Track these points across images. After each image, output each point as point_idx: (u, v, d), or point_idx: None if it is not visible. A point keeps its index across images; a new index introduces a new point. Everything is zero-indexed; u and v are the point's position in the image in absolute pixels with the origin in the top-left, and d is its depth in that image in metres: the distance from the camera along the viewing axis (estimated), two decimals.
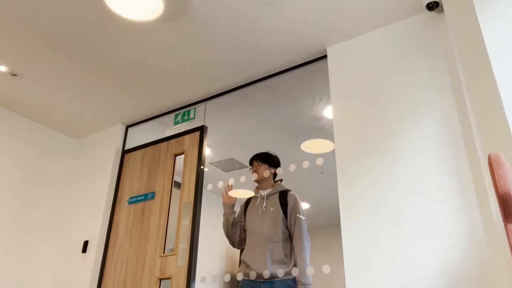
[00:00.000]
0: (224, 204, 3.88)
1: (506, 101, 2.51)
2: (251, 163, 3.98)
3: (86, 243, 4.69)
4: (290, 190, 3.79)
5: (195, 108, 4.78)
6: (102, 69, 4.27)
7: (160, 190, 4.53)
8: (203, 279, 4.02)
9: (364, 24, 3.69)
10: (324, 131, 4.62)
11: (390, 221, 3.00)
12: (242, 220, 3.88)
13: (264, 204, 3.76)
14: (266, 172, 3.86)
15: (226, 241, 3.89)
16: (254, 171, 3.90)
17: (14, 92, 4.66)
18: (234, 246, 3.90)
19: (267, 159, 3.94)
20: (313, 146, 4.98)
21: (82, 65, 4.22)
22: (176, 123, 4.87)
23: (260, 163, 3.92)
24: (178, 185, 4.44)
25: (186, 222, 4.11)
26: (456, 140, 2.96)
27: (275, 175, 3.95)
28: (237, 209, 3.94)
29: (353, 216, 3.17)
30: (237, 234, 3.84)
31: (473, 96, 2.78)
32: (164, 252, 4.18)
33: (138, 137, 5.24)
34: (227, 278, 4.58)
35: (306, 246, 3.52)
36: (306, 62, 4.15)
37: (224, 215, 3.84)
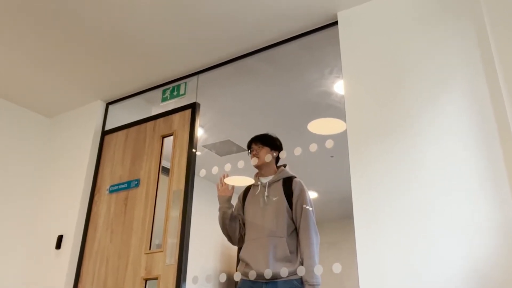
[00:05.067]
0: (219, 197, 3.87)
1: None
2: (249, 146, 3.97)
3: (60, 238, 4.70)
4: (295, 177, 3.79)
5: (185, 83, 4.76)
6: (78, 37, 4.24)
7: (145, 177, 4.53)
8: (195, 280, 4.03)
9: None
10: (335, 109, 4.61)
11: (410, 213, 2.99)
12: (241, 213, 3.87)
13: (266, 193, 3.75)
14: (268, 156, 3.85)
15: (221, 235, 3.89)
16: (254, 155, 3.89)
17: None
18: (233, 243, 3.90)
19: (269, 142, 3.92)
20: (322, 126, 4.97)
21: (55, 33, 4.19)
22: (164, 99, 4.85)
23: (261, 146, 3.90)
24: (166, 171, 4.44)
25: (176, 213, 4.11)
26: (487, 119, 2.95)
27: (277, 159, 3.94)
28: (234, 201, 3.93)
29: (368, 207, 3.17)
30: (236, 229, 3.84)
31: (507, 69, 2.77)
32: (150, 249, 4.19)
33: (120, 116, 5.23)
34: (223, 278, 4.60)
35: (314, 242, 3.52)
36: (313, 30, 4.12)
37: (219, 209, 3.83)
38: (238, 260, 3.73)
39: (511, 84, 2.68)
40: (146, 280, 4.09)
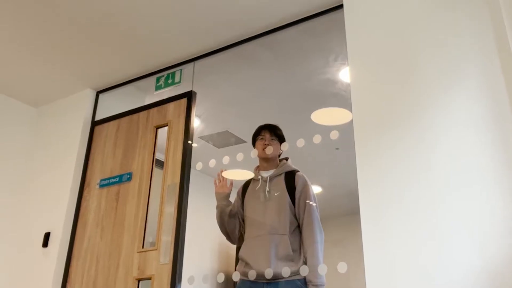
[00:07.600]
0: (217, 194, 3.86)
1: None
2: (260, 133, 3.91)
3: (47, 236, 4.69)
4: (298, 171, 3.78)
5: (181, 70, 4.75)
6: (66, 21, 4.21)
7: (138, 170, 4.52)
8: (191, 280, 4.02)
9: None
10: (340, 98, 4.60)
11: (420, 208, 2.98)
12: (241, 209, 3.86)
13: (267, 188, 3.74)
14: (278, 151, 3.85)
15: (219, 233, 3.89)
16: (266, 145, 3.84)
17: None
18: (232, 242, 3.89)
19: (280, 136, 3.91)
20: (326, 116, 4.97)
21: (42, 18, 4.16)
22: (158, 88, 4.84)
23: (275, 138, 3.87)
24: (160, 164, 4.43)
25: (171, 209, 4.10)
26: (502, 109, 2.93)
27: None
28: (233, 197, 3.92)
29: (375, 202, 3.16)
30: (236, 227, 3.83)
31: None
32: (143, 247, 4.18)
33: (111, 105, 5.21)
34: (221, 278, 4.60)
35: (318, 239, 3.52)
36: (317, 14, 4.11)
37: (217, 207, 3.82)
38: (237, 259, 3.73)
39: None
40: (139, 280, 4.09)
